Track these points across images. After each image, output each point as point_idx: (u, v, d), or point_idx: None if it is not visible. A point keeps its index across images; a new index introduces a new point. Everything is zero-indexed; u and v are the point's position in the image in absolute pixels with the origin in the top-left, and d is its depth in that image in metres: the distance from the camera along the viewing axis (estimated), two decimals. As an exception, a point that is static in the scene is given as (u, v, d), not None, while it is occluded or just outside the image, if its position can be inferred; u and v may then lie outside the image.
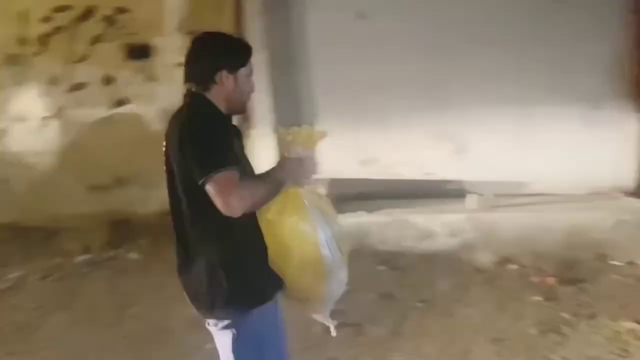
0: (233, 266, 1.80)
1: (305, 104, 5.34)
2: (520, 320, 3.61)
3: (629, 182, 5.13)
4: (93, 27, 5.63)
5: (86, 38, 5.64)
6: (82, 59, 5.67)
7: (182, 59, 1.95)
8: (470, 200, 4.82)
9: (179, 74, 2.00)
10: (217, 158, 1.70)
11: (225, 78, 1.85)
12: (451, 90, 5.14)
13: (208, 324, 1.91)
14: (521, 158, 5.16)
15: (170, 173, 1.86)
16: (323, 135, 1.91)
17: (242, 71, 1.89)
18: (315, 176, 1.92)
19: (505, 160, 5.18)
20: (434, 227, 4.74)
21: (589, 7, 4.88)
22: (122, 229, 5.49)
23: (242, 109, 1.98)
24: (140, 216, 5.52)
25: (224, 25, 5.23)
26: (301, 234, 1.83)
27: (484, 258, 4.58)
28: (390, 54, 5.12)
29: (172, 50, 5.26)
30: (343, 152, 5.37)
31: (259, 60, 5.20)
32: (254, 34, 5.11)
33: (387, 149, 5.33)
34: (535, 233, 4.60)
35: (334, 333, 2.09)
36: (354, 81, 5.17)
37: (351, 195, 5.36)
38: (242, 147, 1.98)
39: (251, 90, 1.94)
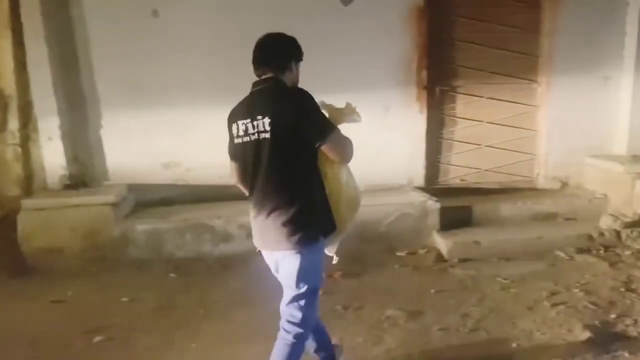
0: (319, 209, 2.39)
1: (91, 103, 5.00)
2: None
3: (418, 177, 5.49)
4: None
5: None
6: None
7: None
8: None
9: None
10: (328, 123, 2.37)
11: (294, 66, 2.47)
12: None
13: (282, 252, 2.39)
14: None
15: (257, 145, 2.34)
16: (352, 110, 2.58)
17: (300, 62, 2.49)
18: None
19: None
20: (231, 229, 4.66)
21: (375, 13, 5.15)
22: None
23: None
24: None
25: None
26: (344, 181, 2.48)
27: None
28: (191, 52, 4.98)
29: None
30: (144, 156, 5.13)
31: (41, 57, 5.01)
32: (35, 31, 4.69)
33: (189, 151, 5.17)
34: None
35: (335, 261, 2.61)
36: (150, 81, 4.95)
37: (154, 200, 5.13)
38: None
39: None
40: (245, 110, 2.41)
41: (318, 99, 2.41)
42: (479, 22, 5.37)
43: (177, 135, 5.14)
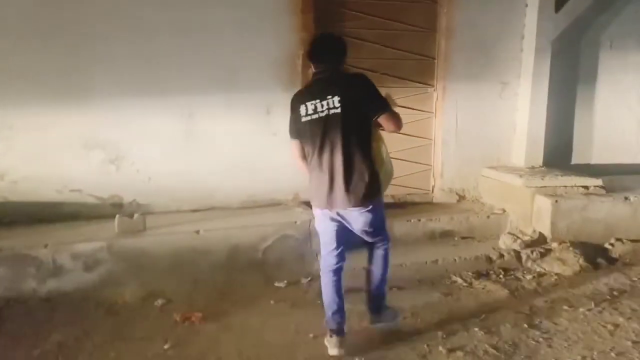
0: (378, 172, 2.94)
1: None
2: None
3: (305, 192, 4.78)
4: None
5: None
6: None
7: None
8: (119, 223, 3.87)
9: None
10: (385, 98, 2.96)
11: (345, 60, 3.00)
12: (99, 87, 4.17)
13: (357, 209, 2.90)
14: (188, 168, 4.44)
15: (326, 119, 2.83)
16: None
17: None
18: None
19: (167, 171, 4.40)
20: (63, 260, 3.66)
21: (249, 2, 4.39)
22: None
23: None
24: None
25: None
26: (384, 156, 3.03)
27: (127, 294, 3.68)
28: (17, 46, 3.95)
29: None
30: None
31: None
32: None
33: (16, 159, 4.10)
34: (195, 257, 3.87)
35: None
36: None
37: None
38: None
39: None
40: (313, 92, 2.91)
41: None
42: (372, 17, 4.78)
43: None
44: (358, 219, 2.93)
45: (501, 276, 4.09)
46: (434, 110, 5.09)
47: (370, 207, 2.89)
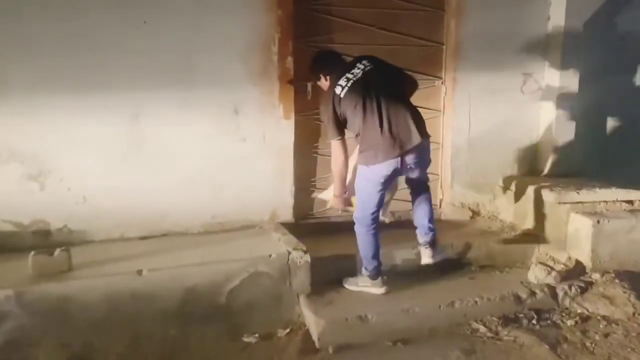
0: None
1: None
2: None
3: (284, 209, 3.86)
4: None
5: None
6: None
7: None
8: (34, 263, 2.91)
9: None
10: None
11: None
12: (12, 81, 3.21)
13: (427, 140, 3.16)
14: (133, 184, 3.49)
15: (364, 77, 3.07)
16: None
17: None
18: None
19: (107, 189, 3.45)
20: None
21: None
22: None
23: None
24: None
25: None
26: None
27: (43, 359, 2.75)
28: None
29: None
30: None
31: None
32: None
33: None
34: (137, 305, 2.93)
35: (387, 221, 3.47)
36: None
37: None
38: None
39: None
40: (339, 76, 3.12)
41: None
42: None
43: None
44: (424, 154, 3.15)
45: (534, 322, 3.20)
46: (442, 107, 4.19)
47: (430, 138, 3.19)
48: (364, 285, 3.28)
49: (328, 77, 3.23)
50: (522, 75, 4.24)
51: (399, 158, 3.02)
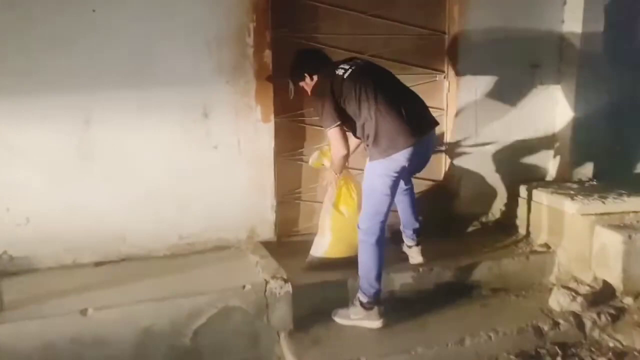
0: None
1: None
2: None
3: (265, 226, 3.35)
4: None
5: None
6: None
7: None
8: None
9: None
10: None
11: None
12: None
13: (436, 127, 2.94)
14: (85, 200, 2.98)
15: (361, 67, 2.82)
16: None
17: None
18: None
19: (54, 207, 2.94)
20: None
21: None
22: None
23: None
24: None
25: None
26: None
27: None
28: None
29: None
30: None
31: None
32: None
33: None
34: (81, 352, 2.42)
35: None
36: None
37: None
38: None
39: None
40: (330, 71, 2.82)
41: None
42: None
43: None
44: (431, 142, 2.95)
45: (559, 359, 2.69)
46: (445, 105, 3.67)
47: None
48: (357, 318, 2.77)
49: (315, 76, 2.86)
50: (535, 67, 3.72)
51: (412, 148, 2.69)
